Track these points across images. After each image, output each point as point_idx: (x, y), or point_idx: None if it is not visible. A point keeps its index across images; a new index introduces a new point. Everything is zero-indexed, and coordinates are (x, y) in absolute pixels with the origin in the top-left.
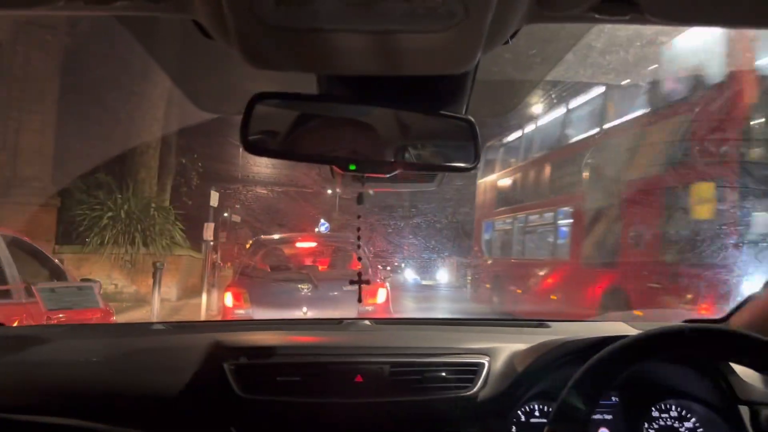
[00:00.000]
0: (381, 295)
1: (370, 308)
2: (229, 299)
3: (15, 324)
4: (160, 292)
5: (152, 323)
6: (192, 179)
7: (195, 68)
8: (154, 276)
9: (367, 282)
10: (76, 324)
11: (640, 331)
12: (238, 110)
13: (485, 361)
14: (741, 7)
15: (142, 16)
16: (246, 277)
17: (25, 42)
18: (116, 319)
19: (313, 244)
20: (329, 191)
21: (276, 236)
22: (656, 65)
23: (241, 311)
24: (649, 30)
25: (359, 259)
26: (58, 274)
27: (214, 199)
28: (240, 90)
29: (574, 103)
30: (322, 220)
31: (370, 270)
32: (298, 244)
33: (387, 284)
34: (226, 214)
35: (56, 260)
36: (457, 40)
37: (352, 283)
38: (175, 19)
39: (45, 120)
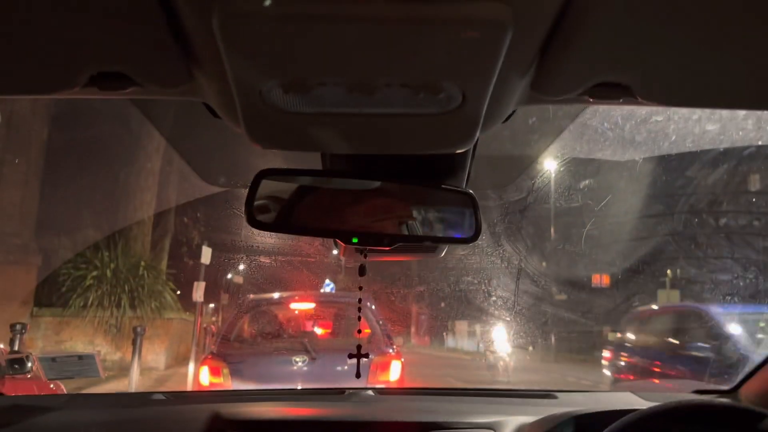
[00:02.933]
0: (395, 371)
1: (381, 387)
2: (204, 375)
3: None
4: (142, 360)
5: (152, 393)
6: (193, 239)
7: (201, 143)
8: (133, 343)
9: (367, 356)
10: (77, 393)
11: (651, 405)
12: (244, 184)
13: None
14: (730, 89)
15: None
16: (227, 348)
17: None
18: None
19: (311, 305)
20: (335, 251)
21: (267, 296)
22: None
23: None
24: None
25: (359, 332)
26: None
27: (206, 255)
28: (245, 165)
29: None
30: (327, 281)
31: (380, 338)
32: (294, 306)
33: (401, 356)
34: (229, 276)
35: None
36: (455, 122)
37: (351, 357)
38: (185, 102)
39: (29, 173)
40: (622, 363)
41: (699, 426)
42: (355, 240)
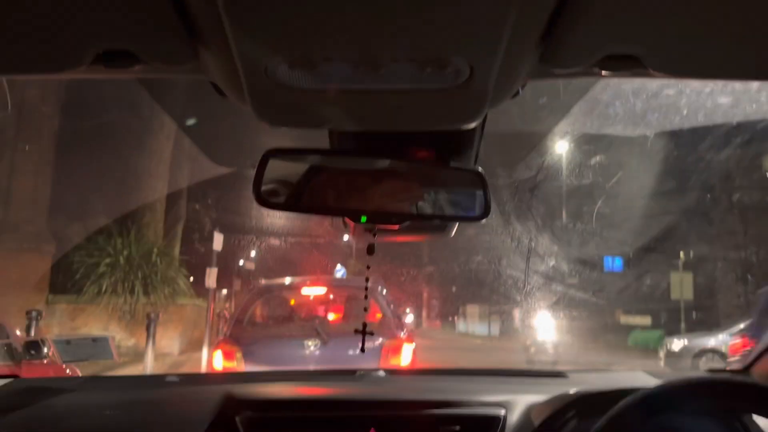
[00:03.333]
0: (406, 354)
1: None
2: (218, 359)
3: None
4: (156, 346)
5: (166, 375)
6: (205, 225)
7: (210, 123)
8: (147, 329)
9: (372, 333)
10: (92, 376)
11: (660, 383)
12: (252, 164)
13: (501, 414)
14: (744, 59)
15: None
16: (240, 332)
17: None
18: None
19: (323, 290)
20: (346, 236)
21: (279, 281)
22: None
23: None
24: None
25: (365, 309)
26: None
27: (218, 242)
28: (253, 144)
29: None
30: (339, 265)
31: (391, 322)
32: (306, 290)
33: (413, 340)
34: (241, 261)
35: None
36: (463, 97)
37: (356, 332)
38: (191, 80)
39: (41, 161)
40: None
41: (710, 402)
42: (363, 219)
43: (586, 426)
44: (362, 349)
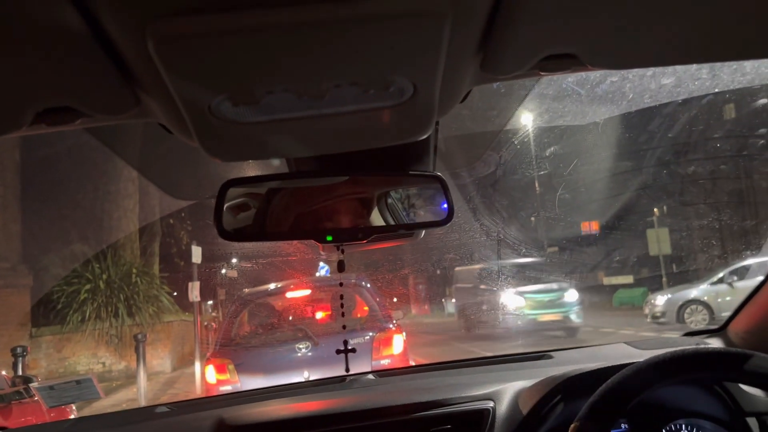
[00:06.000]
0: (397, 344)
1: (385, 362)
2: (210, 374)
3: None
4: (148, 365)
5: (156, 406)
6: (182, 240)
7: (163, 160)
8: (136, 350)
9: (353, 351)
10: (81, 417)
11: (645, 355)
12: (213, 194)
13: (489, 407)
14: (675, 45)
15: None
16: (230, 344)
17: None
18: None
19: (307, 292)
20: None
21: (262, 288)
22: None
23: (228, 387)
24: None
25: (344, 327)
26: None
27: (197, 254)
28: (213, 174)
29: None
30: (322, 264)
31: (379, 315)
32: (290, 294)
33: (402, 331)
34: (223, 271)
35: None
36: (411, 112)
37: (338, 352)
38: (138, 123)
39: (7, 195)
40: None
41: (687, 374)
42: (329, 238)
43: (572, 408)
44: (346, 369)
